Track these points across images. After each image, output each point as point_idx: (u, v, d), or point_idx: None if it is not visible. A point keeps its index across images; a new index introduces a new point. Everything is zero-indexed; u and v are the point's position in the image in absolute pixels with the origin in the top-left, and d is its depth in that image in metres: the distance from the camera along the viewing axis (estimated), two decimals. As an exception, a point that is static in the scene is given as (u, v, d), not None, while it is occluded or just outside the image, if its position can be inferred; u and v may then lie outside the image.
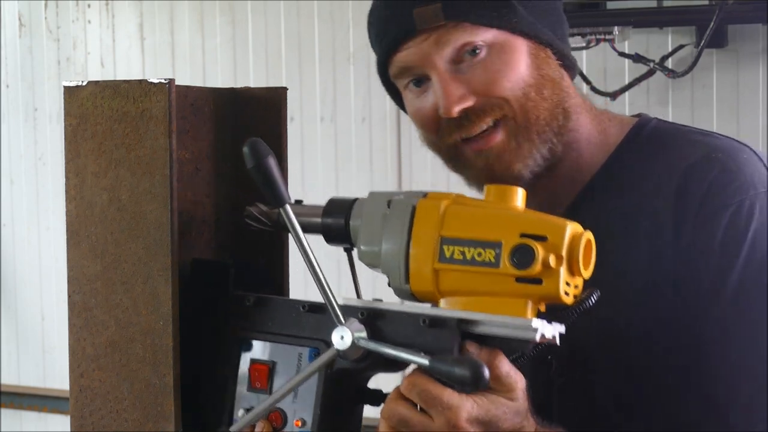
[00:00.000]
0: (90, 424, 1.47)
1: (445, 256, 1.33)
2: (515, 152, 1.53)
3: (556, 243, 1.30)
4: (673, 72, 3.43)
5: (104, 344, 1.46)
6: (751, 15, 3.33)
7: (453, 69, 1.52)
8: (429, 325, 1.33)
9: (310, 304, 1.42)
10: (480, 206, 1.36)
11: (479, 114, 1.52)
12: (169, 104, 1.41)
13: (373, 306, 1.37)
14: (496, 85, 1.51)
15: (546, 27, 1.56)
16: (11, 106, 4.74)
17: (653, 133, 1.62)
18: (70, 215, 1.48)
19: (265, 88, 1.58)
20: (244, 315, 1.45)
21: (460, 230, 1.33)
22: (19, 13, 4.73)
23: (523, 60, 1.53)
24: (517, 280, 1.30)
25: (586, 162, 1.61)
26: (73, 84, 1.47)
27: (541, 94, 1.53)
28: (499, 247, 1.30)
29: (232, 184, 1.56)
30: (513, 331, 1.30)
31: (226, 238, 1.55)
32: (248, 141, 1.32)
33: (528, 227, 1.31)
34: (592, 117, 1.62)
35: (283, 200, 1.34)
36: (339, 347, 1.35)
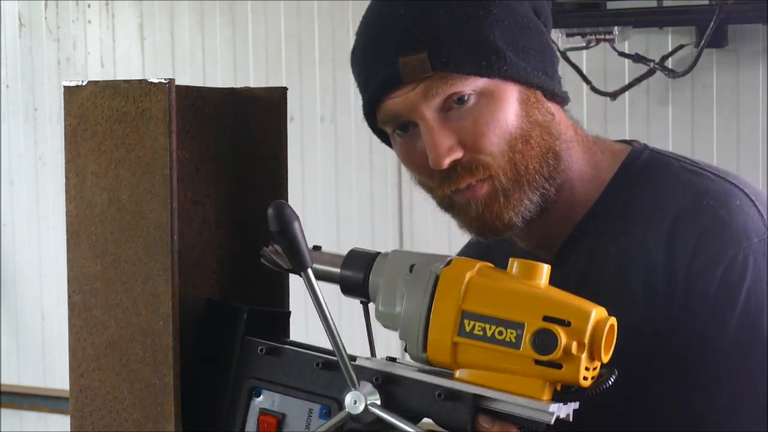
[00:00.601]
0: (90, 424, 1.47)
1: (465, 330, 1.31)
2: (505, 203, 1.51)
3: (580, 329, 1.28)
4: (673, 72, 3.43)
5: (104, 344, 1.46)
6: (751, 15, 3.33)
7: (441, 117, 1.49)
8: (444, 398, 1.32)
9: (324, 361, 1.40)
10: (504, 280, 1.33)
11: (467, 169, 1.50)
12: (169, 104, 1.41)
13: (389, 371, 1.35)
14: (484, 140, 1.49)
15: (535, 68, 1.53)
16: (11, 106, 4.74)
17: (645, 167, 1.59)
18: (70, 215, 1.48)
19: (265, 88, 1.58)
20: (255, 362, 1.43)
21: (482, 305, 1.31)
22: (19, 13, 4.73)
23: (512, 109, 1.50)
24: (537, 362, 1.29)
25: (578, 199, 1.59)
26: (73, 84, 1.47)
27: (528, 143, 1.50)
28: (521, 328, 1.29)
29: (232, 184, 1.56)
30: (529, 412, 1.30)
31: (226, 238, 1.55)
32: (274, 204, 1.30)
33: (552, 310, 1.29)
34: (585, 150, 1.60)
35: (305, 265, 1.31)
36: (352, 411, 1.34)
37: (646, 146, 1.63)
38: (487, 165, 1.50)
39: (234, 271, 1.55)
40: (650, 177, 1.58)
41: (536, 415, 1.29)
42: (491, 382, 1.31)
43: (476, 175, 1.50)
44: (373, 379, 1.35)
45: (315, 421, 1.39)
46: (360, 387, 1.34)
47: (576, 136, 1.60)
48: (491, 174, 1.50)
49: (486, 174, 1.50)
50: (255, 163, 1.57)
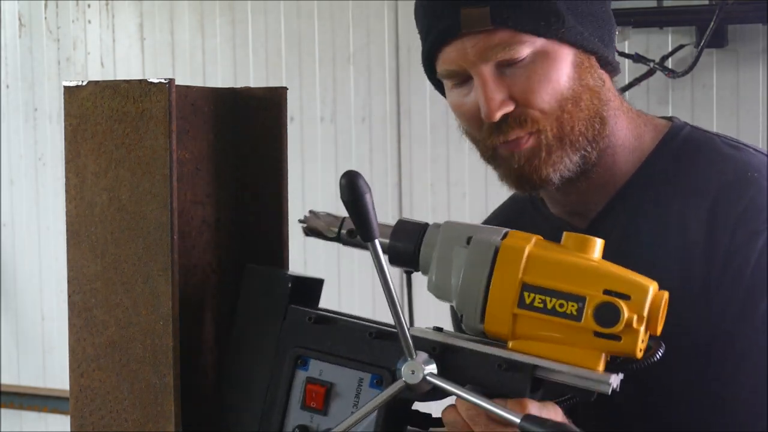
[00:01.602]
0: (90, 424, 1.47)
1: (525, 303, 1.32)
2: (546, 159, 1.53)
3: (640, 303, 1.31)
4: (673, 72, 3.43)
5: (104, 344, 1.46)
6: (751, 15, 3.33)
7: (496, 73, 1.51)
8: (505, 369, 1.33)
9: (377, 330, 1.40)
10: (561, 253, 1.35)
11: (516, 122, 1.52)
12: (169, 104, 1.41)
13: (448, 341, 1.36)
14: (535, 97, 1.51)
15: (593, 34, 1.55)
16: (11, 106, 4.75)
17: (686, 141, 1.61)
18: (70, 215, 1.48)
19: (265, 88, 1.58)
20: (303, 331, 1.43)
21: (542, 278, 1.33)
22: (19, 13, 4.73)
23: (565, 71, 1.52)
24: (596, 334, 1.31)
25: (619, 167, 1.60)
26: (73, 84, 1.47)
27: (578, 105, 1.53)
28: (582, 301, 1.31)
29: (232, 184, 1.56)
30: (588, 383, 1.31)
31: (226, 238, 1.55)
32: (347, 174, 1.30)
33: (612, 284, 1.31)
34: (629, 121, 1.62)
35: (373, 236, 1.31)
36: (409, 381, 1.34)
37: (686, 123, 1.65)
38: (536, 120, 1.52)
39: (234, 271, 1.55)
40: (692, 150, 1.60)
41: (594, 386, 1.31)
42: (547, 353, 1.33)
43: (525, 128, 1.52)
44: (431, 349, 1.35)
45: (365, 391, 1.39)
46: (417, 357, 1.34)
47: (621, 106, 1.62)
48: (539, 128, 1.52)
49: (534, 128, 1.52)
50: (255, 163, 1.57)
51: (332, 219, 1.47)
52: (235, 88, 1.59)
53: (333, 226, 1.47)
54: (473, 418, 1.32)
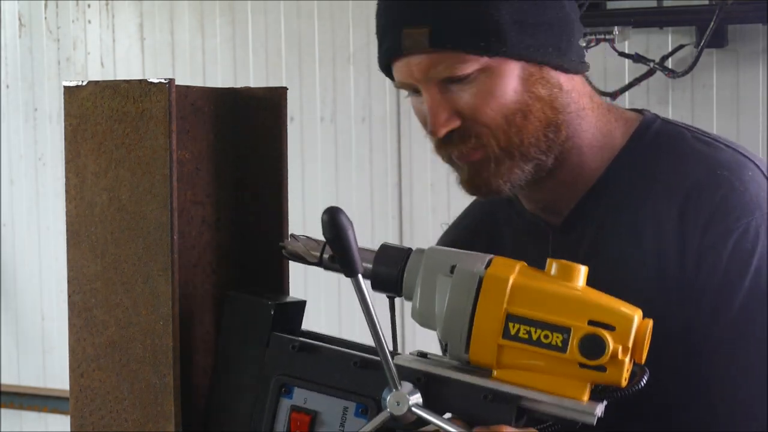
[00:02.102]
0: (90, 424, 1.47)
1: (510, 333, 1.33)
2: (495, 171, 1.54)
3: (625, 333, 1.31)
4: (673, 72, 3.43)
5: (104, 344, 1.46)
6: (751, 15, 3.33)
7: (442, 89, 1.52)
8: (491, 399, 1.33)
9: (362, 359, 1.40)
10: (545, 281, 1.35)
11: (461, 138, 1.53)
12: (169, 104, 1.41)
13: (433, 371, 1.36)
14: (480, 113, 1.51)
15: (544, 43, 1.54)
16: (11, 106, 4.74)
17: (657, 136, 1.61)
18: (70, 215, 1.48)
19: (265, 88, 1.58)
20: (286, 359, 1.42)
21: (527, 308, 1.32)
22: (19, 13, 4.73)
23: (510, 85, 1.52)
24: (581, 365, 1.31)
25: (588, 166, 1.60)
26: (73, 84, 1.47)
27: (527, 118, 1.53)
28: (567, 332, 1.31)
29: (232, 184, 1.56)
30: (572, 413, 1.32)
31: (226, 238, 1.55)
32: (328, 210, 1.30)
33: (597, 314, 1.31)
34: (597, 118, 1.61)
35: (356, 272, 1.31)
36: (394, 412, 1.33)
37: (656, 115, 1.65)
38: (481, 135, 1.53)
39: (234, 271, 1.55)
40: (663, 146, 1.60)
41: (580, 417, 1.31)
42: (531, 382, 1.33)
43: (468, 144, 1.53)
44: (416, 379, 1.35)
45: (350, 420, 1.39)
46: (401, 387, 1.34)
47: (591, 103, 1.61)
48: (484, 143, 1.53)
49: (479, 143, 1.53)
50: (255, 163, 1.57)
51: (313, 243, 1.47)
52: (235, 88, 1.59)
53: (314, 250, 1.46)
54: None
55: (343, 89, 4.08)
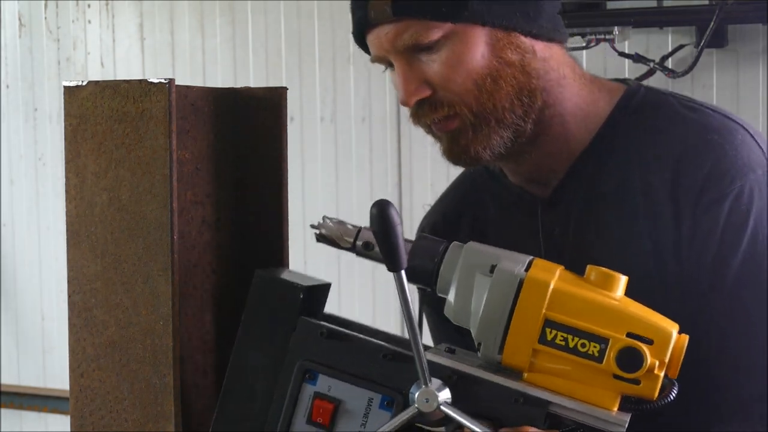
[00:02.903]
0: (90, 424, 1.47)
1: (547, 339, 1.32)
2: (472, 138, 1.55)
3: (662, 348, 1.31)
4: (673, 72, 3.43)
5: (104, 344, 1.46)
6: (751, 15, 3.33)
7: (411, 59, 1.54)
8: (522, 402, 1.32)
9: (392, 352, 1.39)
10: (585, 288, 1.34)
11: (434, 106, 1.54)
12: (169, 104, 1.41)
13: (464, 370, 1.35)
14: (448, 80, 1.53)
15: (509, 9, 1.54)
16: (11, 106, 4.74)
17: (642, 104, 1.61)
18: (70, 215, 1.48)
19: (265, 88, 1.58)
20: (313, 345, 1.41)
21: (566, 314, 1.32)
22: (19, 13, 4.73)
23: (478, 51, 1.53)
24: (615, 377, 1.31)
25: (573, 135, 1.60)
26: (73, 84, 1.47)
27: (497, 83, 1.53)
28: (605, 343, 1.31)
29: (232, 184, 1.56)
30: (601, 423, 1.32)
31: (226, 238, 1.55)
32: (379, 203, 1.30)
33: (636, 327, 1.31)
34: (580, 87, 1.61)
35: (400, 267, 1.30)
36: (423, 409, 1.33)
37: (640, 84, 1.66)
38: (452, 103, 1.53)
39: (234, 271, 1.55)
40: (649, 114, 1.60)
41: (608, 427, 1.31)
42: (562, 388, 1.32)
43: (440, 112, 1.54)
44: (446, 376, 1.35)
45: (374, 411, 1.38)
46: (431, 384, 1.33)
47: (572, 73, 1.62)
48: (456, 111, 1.54)
49: (451, 111, 1.54)
50: (255, 163, 1.57)
51: (347, 229, 1.46)
52: (235, 88, 1.59)
53: (348, 236, 1.45)
54: None
55: (343, 89, 4.08)
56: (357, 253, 1.46)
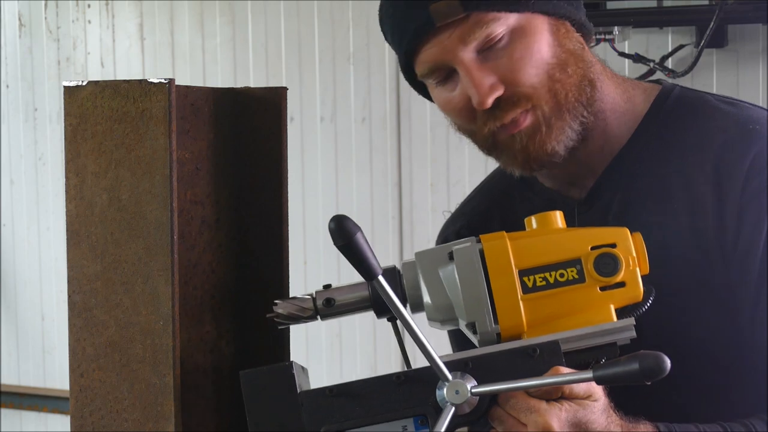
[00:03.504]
0: (90, 424, 1.47)
1: (528, 287, 1.37)
2: (547, 133, 1.53)
3: (626, 246, 1.38)
4: (673, 72, 3.43)
5: (104, 344, 1.46)
6: (751, 15, 3.33)
7: (479, 59, 1.51)
8: (540, 353, 1.34)
9: (402, 373, 1.38)
10: (534, 234, 1.41)
11: (510, 104, 1.52)
12: (169, 104, 1.41)
13: (477, 354, 1.36)
14: (523, 73, 1.51)
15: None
16: (11, 106, 4.74)
17: (679, 100, 1.62)
18: (70, 215, 1.48)
19: (265, 88, 1.58)
20: (325, 410, 1.38)
21: (533, 259, 1.38)
22: (19, 13, 4.73)
23: (545, 40, 1.52)
24: (601, 288, 1.37)
25: (613, 131, 1.60)
26: (73, 84, 1.47)
27: (565, 71, 1.53)
28: (578, 263, 1.37)
29: (232, 184, 1.56)
30: (612, 336, 1.36)
31: (226, 238, 1.55)
32: (334, 218, 1.28)
33: (595, 240, 1.38)
34: (616, 84, 1.62)
35: (375, 273, 1.29)
36: (456, 402, 1.32)
37: (675, 84, 1.66)
38: (529, 96, 1.52)
39: (234, 271, 1.55)
40: (687, 109, 1.60)
41: (619, 336, 1.35)
42: (563, 327, 1.36)
43: (519, 107, 1.52)
44: (463, 365, 1.35)
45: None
46: (453, 377, 1.33)
47: (605, 70, 1.62)
48: (533, 104, 1.52)
49: (528, 105, 1.52)
50: (255, 163, 1.57)
51: (301, 299, 1.45)
52: (235, 88, 1.59)
53: (305, 304, 1.45)
54: (514, 407, 1.33)
55: (343, 89, 4.08)
56: (322, 316, 1.46)
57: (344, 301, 1.44)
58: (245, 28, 4.27)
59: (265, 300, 1.54)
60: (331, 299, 1.45)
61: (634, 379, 1.26)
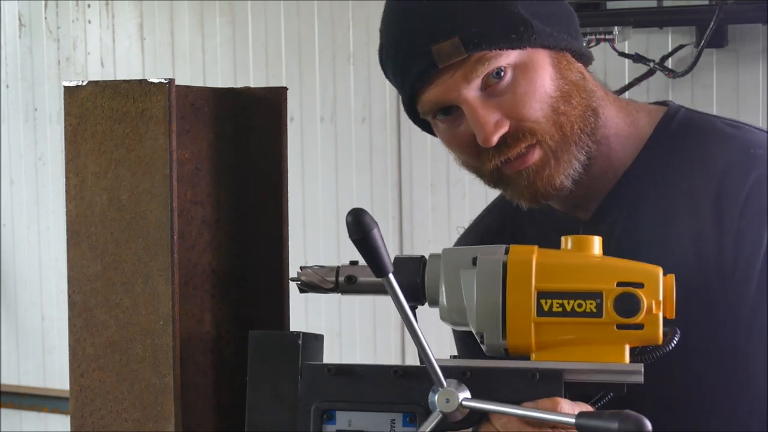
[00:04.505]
0: (90, 424, 1.47)
1: (544, 310, 1.34)
2: (555, 167, 1.53)
3: (654, 288, 1.33)
4: (673, 72, 3.43)
5: (104, 344, 1.46)
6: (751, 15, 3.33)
7: (482, 96, 1.51)
8: (540, 378, 1.33)
9: (401, 368, 1.39)
10: (565, 256, 1.38)
11: (515, 139, 1.51)
12: (169, 104, 1.41)
13: (477, 365, 1.36)
14: (527, 108, 1.51)
15: (561, 31, 1.55)
16: (11, 106, 4.74)
17: (684, 123, 1.61)
18: (70, 215, 1.48)
19: (265, 88, 1.58)
20: (323, 385, 1.40)
21: (555, 283, 1.35)
22: (19, 13, 4.73)
23: (547, 74, 1.52)
24: (618, 327, 1.33)
25: (617, 156, 1.60)
26: (73, 84, 1.47)
27: (569, 103, 1.53)
28: (600, 297, 1.33)
29: (232, 184, 1.56)
30: (618, 376, 1.33)
31: (226, 238, 1.55)
32: (353, 212, 1.29)
33: (624, 275, 1.34)
34: (618, 108, 1.62)
35: (386, 271, 1.29)
36: (444, 410, 1.32)
37: (681, 106, 1.66)
38: (534, 131, 1.51)
39: (234, 271, 1.55)
40: (691, 132, 1.60)
41: (626, 378, 1.33)
42: (571, 357, 1.34)
43: (525, 142, 1.52)
44: (461, 374, 1.35)
45: (400, 431, 1.38)
46: (447, 385, 1.33)
47: (606, 95, 1.62)
48: (538, 139, 1.52)
49: (534, 139, 1.52)
50: (255, 163, 1.57)
51: (326, 270, 1.46)
52: (235, 88, 1.59)
53: (328, 276, 1.46)
54: (505, 427, 1.32)
55: (343, 89, 4.08)
56: (342, 292, 1.47)
57: (366, 281, 1.44)
58: (245, 28, 4.27)
59: (265, 300, 1.54)
60: (352, 277, 1.45)
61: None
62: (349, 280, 1.45)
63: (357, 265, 1.45)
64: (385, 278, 1.30)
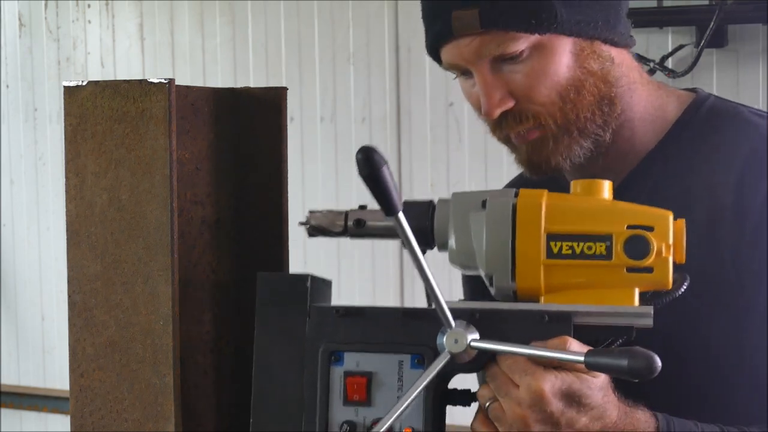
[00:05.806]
0: (90, 424, 1.47)
1: (553, 252, 1.34)
2: (554, 148, 1.54)
3: (664, 232, 1.33)
4: (673, 72, 3.43)
5: (104, 344, 1.46)
6: (751, 15, 3.33)
7: (494, 69, 1.52)
8: (549, 320, 1.33)
9: (409, 310, 1.39)
10: (575, 199, 1.37)
11: (516, 119, 1.53)
12: (169, 104, 1.41)
13: (487, 307, 1.35)
14: (534, 91, 1.51)
15: (593, 17, 1.54)
16: (11, 106, 4.75)
17: (711, 110, 1.62)
18: (70, 215, 1.48)
19: (265, 88, 1.58)
20: (331, 327, 1.40)
21: (565, 224, 1.34)
22: (19, 13, 4.73)
23: (563, 62, 1.52)
24: (628, 270, 1.32)
25: (639, 139, 1.60)
26: (73, 84, 1.47)
27: (580, 93, 1.53)
28: (609, 239, 1.32)
29: (232, 184, 1.56)
30: (628, 319, 1.32)
31: (226, 238, 1.55)
32: (363, 149, 1.25)
33: (634, 218, 1.33)
34: (649, 92, 1.62)
35: (396, 209, 1.27)
36: (453, 351, 1.31)
37: (710, 93, 1.66)
38: (537, 114, 1.52)
39: (234, 271, 1.55)
40: (718, 119, 1.60)
41: (635, 321, 1.32)
42: (581, 300, 1.33)
43: (524, 124, 1.53)
44: (470, 315, 1.34)
45: (408, 372, 1.37)
46: (456, 326, 1.32)
47: (641, 77, 1.62)
48: (541, 123, 1.53)
49: (535, 123, 1.53)
50: (255, 163, 1.57)
51: (335, 214, 1.46)
52: (235, 88, 1.59)
53: (337, 220, 1.46)
54: (511, 368, 1.31)
55: (343, 89, 4.08)
56: (351, 236, 1.46)
57: (375, 225, 1.43)
58: (245, 28, 4.27)
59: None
60: (361, 220, 1.44)
61: (620, 374, 1.24)
62: (358, 223, 1.44)
63: (366, 210, 1.45)
64: (395, 217, 1.27)
